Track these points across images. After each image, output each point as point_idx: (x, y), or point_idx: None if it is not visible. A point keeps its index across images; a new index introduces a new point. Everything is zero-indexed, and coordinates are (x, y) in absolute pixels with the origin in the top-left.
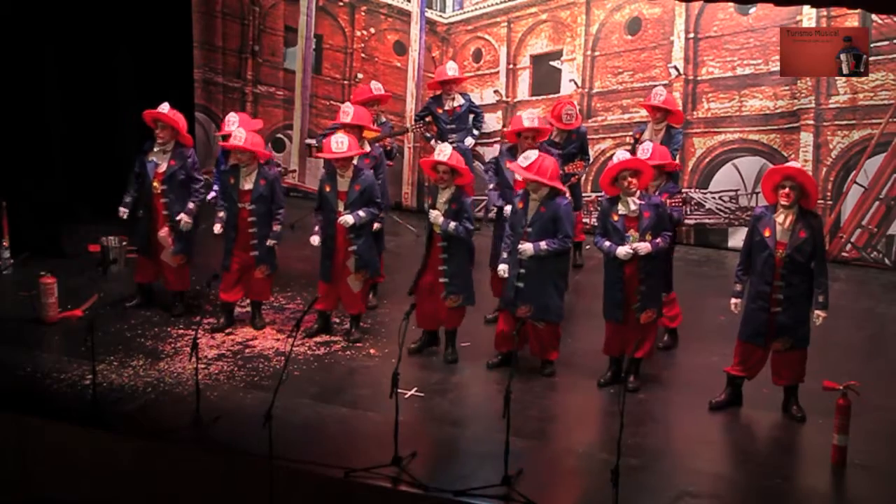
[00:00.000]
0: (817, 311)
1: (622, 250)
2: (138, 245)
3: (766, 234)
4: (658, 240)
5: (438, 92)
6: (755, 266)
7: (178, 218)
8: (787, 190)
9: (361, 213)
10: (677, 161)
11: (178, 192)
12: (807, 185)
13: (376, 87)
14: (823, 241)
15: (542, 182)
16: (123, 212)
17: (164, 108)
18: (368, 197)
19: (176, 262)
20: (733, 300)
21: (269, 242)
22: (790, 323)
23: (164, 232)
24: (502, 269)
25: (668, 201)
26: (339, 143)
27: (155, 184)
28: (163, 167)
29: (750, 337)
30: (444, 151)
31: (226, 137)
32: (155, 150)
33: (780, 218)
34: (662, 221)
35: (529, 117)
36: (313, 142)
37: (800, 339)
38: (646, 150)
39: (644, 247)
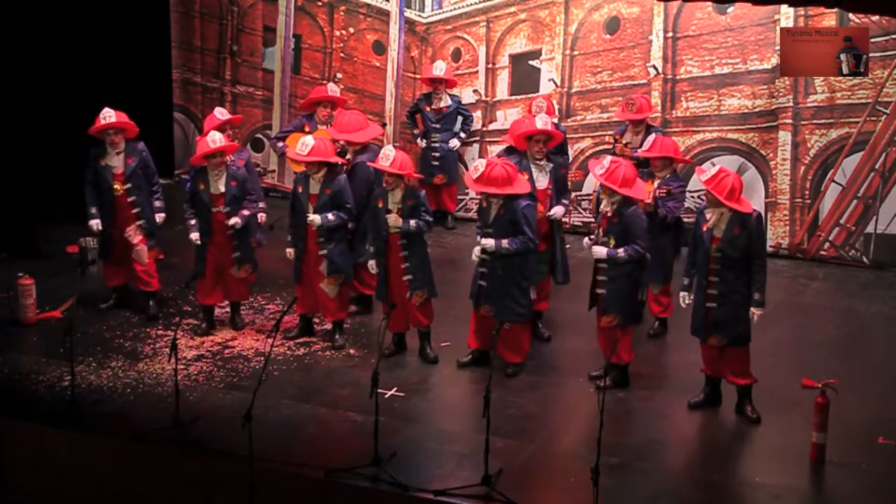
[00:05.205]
0: (752, 309)
1: (585, 241)
2: (103, 251)
3: (704, 228)
4: (620, 250)
5: (429, 90)
6: (698, 261)
7: (147, 220)
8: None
9: (331, 216)
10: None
11: (141, 187)
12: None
13: (332, 90)
14: (762, 239)
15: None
16: (97, 223)
17: (109, 114)
18: (339, 202)
19: (149, 259)
20: (681, 293)
21: (254, 242)
22: (724, 319)
23: (131, 230)
24: (478, 251)
25: (666, 197)
26: (304, 144)
27: (116, 186)
28: (120, 168)
29: (693, 331)
30: (388, 156)
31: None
32: (106, 154)
33: (708, 214)
34: (629, 232)
35: (544, 120)
36: (280, 144)
37: (736, 337)
38: (648, 141)
39: (599, 251)
